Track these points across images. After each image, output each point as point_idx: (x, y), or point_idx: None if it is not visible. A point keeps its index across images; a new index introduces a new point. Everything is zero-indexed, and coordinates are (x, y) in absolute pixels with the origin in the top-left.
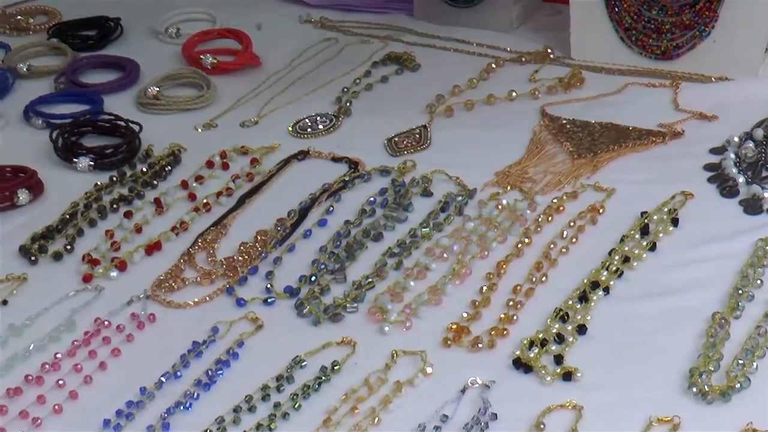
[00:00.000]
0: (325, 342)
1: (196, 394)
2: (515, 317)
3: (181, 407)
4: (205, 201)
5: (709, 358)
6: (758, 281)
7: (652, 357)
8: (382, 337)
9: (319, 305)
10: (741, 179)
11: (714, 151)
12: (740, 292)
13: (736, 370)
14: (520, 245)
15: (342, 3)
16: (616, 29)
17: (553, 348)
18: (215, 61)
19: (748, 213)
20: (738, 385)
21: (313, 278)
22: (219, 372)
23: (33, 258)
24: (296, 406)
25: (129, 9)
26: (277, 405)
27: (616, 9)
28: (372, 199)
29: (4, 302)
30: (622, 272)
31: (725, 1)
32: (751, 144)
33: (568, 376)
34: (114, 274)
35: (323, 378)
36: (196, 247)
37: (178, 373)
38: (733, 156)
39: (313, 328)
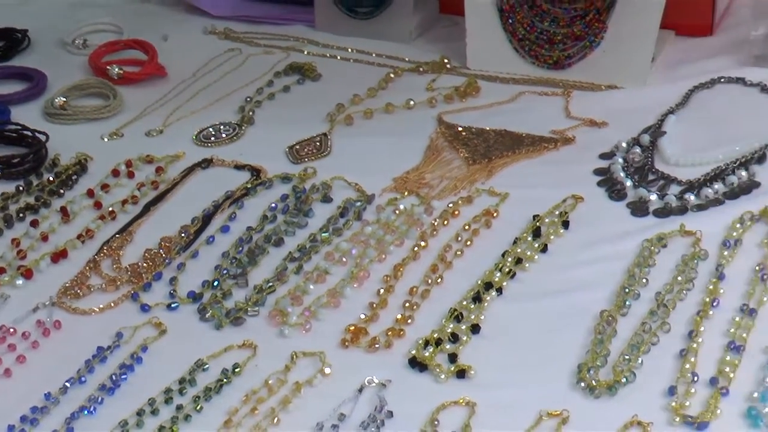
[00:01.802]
0: (226, 345)
1: (100, 399)
2: (411, 318)
3: (86, 411)
4: (110, 209)
5: (597, 354)
6: (644, 280)
7: (543, 354)
8: (282, 340)
9: (221, 309)
10: (628, 183)
11: (603, 156)
12: (627, 290)
13: (623, 365)
14: (416, 249)
15: (245, 15)
16: (510, 40)
17: (448, 347)
18: (121, 71)
19: (635, 215)
20: (624, 380)
21: (216, 283)
22: (123, 376)
23: None
24: (198, 408)
25: (37, 21)
26: (179, 407)
27: (510, 21)
28: (273, 205)
29: None
30: (515, 273)
31: (614, 13)
32: (638, 149)
33: (461, 373)
34: (20, 281)
35: (224, 380)
36: (102, 255)
37: (83, 378)
38: (621, 161)
39: (215, 331)
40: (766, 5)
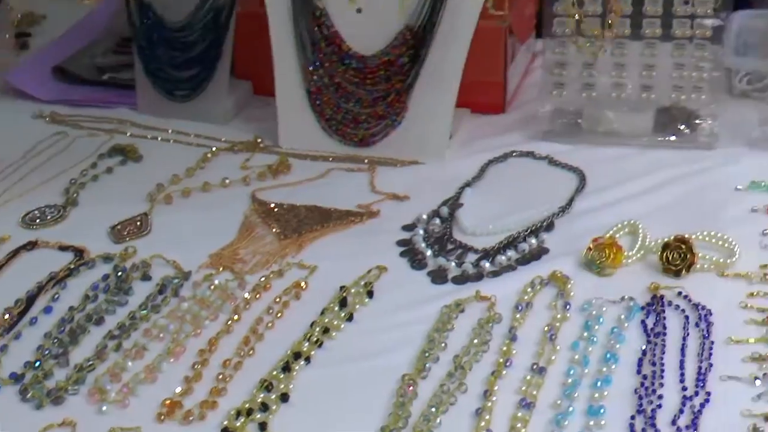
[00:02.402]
0: (47, 424)
1: None
2: (225, 390)
3: None
4: None
5: (398, 416)
6: (443, 344)
7: (347, 418)
8: (101, 417)
9: (42, 389)
10: (429, 253)
11: (406, 228)
12: (427, 354)
13: (422, 425)
14: (230, 322)
15: (71, 99)
16: (319, 120)
17: (258, 416)
18: None
19: (435, 283)
20: None
21: (38, 363)
22: None
23: None
24: None
25: None
26: None
27: (318, 102)
28: (95, 284)
29: None
30: (322, 342)
31: (413, 94)
32: (437, 221)
33: None
34: None
35: None
36: None
37: None
38: (422, 232)
39: (36, 411)
40: (551, 85)
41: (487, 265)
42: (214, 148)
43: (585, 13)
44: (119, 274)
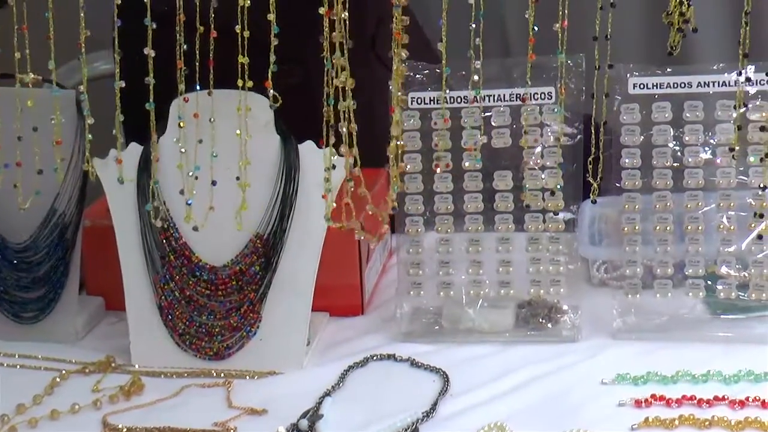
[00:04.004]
0: None
1: None
2: None
3: None
4: None
5: None
6: None
7: None
8: None
9: None
10: None
11: None
12: None
13: None
14: None
15: None
16: (172, 335)
17: None
18: None
19: None
20: None
21: None
22: None
23: None
24: None
25: None
26: None
27: (170, 316)
28: None
29: None
30: None
31: (267, 303)
32: None
33: None
34: None
35: None
36: None
37: None
38: None
39: None
40: (408, 285)
41: None
42: (63, 371)
43: (436, 212)
44: None
